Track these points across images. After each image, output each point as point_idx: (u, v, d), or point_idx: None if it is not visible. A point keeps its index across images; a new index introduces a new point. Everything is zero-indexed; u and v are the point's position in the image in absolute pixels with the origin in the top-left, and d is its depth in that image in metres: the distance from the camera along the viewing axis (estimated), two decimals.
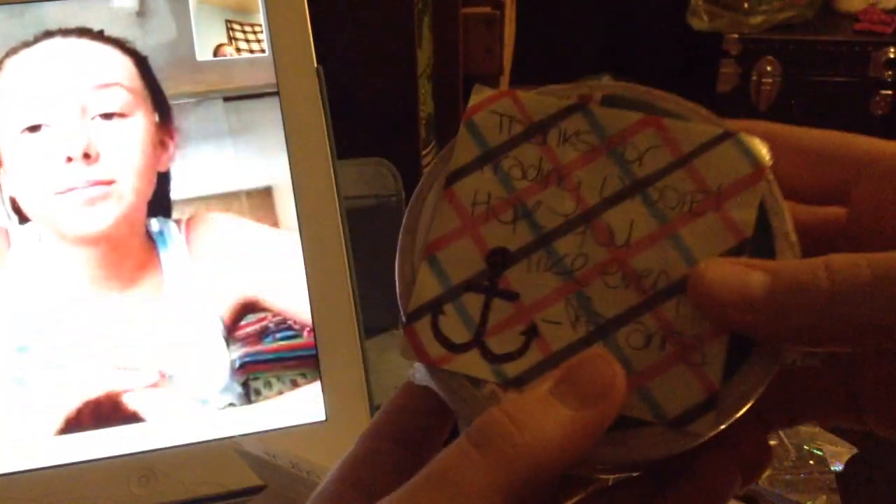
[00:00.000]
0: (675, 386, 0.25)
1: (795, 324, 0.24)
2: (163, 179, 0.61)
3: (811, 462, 0.64)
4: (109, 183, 0.59)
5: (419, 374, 0.28)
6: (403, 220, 0.28)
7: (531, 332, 0.26)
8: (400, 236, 0.28)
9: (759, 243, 0.26)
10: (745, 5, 2.00)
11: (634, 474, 0.27)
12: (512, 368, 0.26)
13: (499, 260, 0.27)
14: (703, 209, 0.27)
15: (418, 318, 0.27)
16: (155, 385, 0.59)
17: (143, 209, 0.60)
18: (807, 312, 0.24)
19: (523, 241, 0.27)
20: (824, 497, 0.61)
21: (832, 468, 0.63)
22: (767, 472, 0.63)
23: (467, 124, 0.29)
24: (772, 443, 0.65)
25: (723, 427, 0.25)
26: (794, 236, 0.27)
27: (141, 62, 0.61)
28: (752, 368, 0.25)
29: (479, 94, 0.29)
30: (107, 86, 0.60)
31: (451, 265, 0.27)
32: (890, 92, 1.97)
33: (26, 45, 0.60)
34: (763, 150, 0.27)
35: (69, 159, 0.58)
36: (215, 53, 0.62)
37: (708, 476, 0.26)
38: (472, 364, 0.26)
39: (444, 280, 0.27)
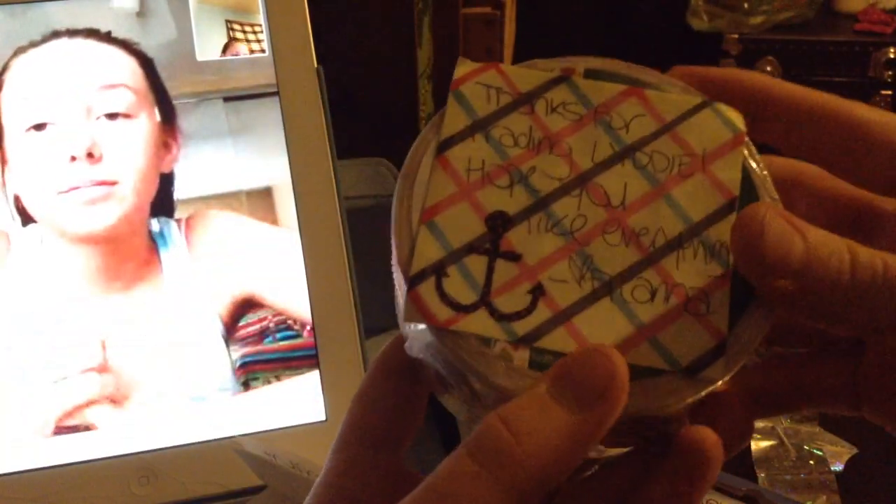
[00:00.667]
0: (685, 335, 0.26)
1: (814, 300, 0.25)
2: (166, 180, 0.61)
3: (811, 462, 0.64)
4: (112, 184, 0.59)
5: (416, 345, 0.27)
6: (396, 189, 0.28)
7: (538, 291, 0.26)
8: (394, 204, 0.28)
9: (745, 203, 0.28)
10: (745, 5, 2.00)
11: (617, 456, 0.28)
12: (521, 326, 0.26)
13: (498, 223, 0.27)
14: (691, 171, 0.28)
15: (421, 281, 0.26)
16: (154, 385, 0.59)
17: (146, 210, 0.60)
18: (826, 293, 0.25)
19: (521, 205, 0.27)
20: (824, 497, 0.61)
21: (832, 468, 0.63)
22: (767, 472, 0.63)
23: (455, 94, 0.29)
24: (772, 443, 0.65)
25: (733, 373, 0.26)
26: (776, 194, 0.28)
27: (146, 63, 0.61)
28: (752, 318, 0.27)
29: (464, 66, 0.29)
30: (112, 86, 0.60)
31: (450, 229, 0.27)
32: (890, 92, 1.97)
33: (33, 45, 0.60)
34: (739, 118, 0.29)
35: (73, 159, 0.58)
36: (224, 51, 0.62)
37: (694, 451, 0.25)
38: (480, 323, 0.26)
39: (445, 243, 0.27)
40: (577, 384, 0.24)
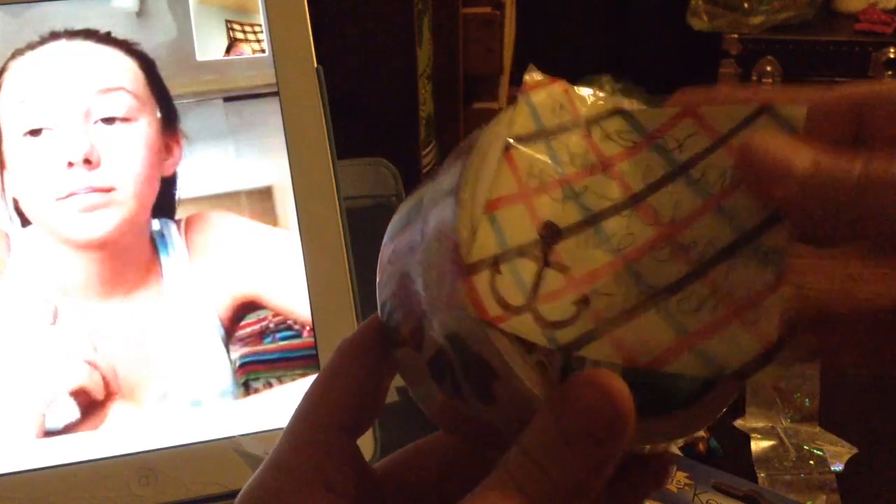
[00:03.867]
0: (732, 343, 0.26)
1: (823, 205, 0.25)
2: (167, 183, 0.61)
3: (811, 462, 0.64)
4: (110, 190, 0.59)
5: (439, 329, 0.27)
6: (461, 169, 0.27)
7: (583, 302, 0.26)
8: (457, 185, 0.27)
9: None
10: (745, 5, 2.00)
11: None
12: (564, 335, 0.26)
13: (550, 233, 0.27)
14: (739, 181, 0.28)
15: (477, 272, 0.26)
16: (155, 385, 0.59)
17: (146, 214, 0.60)
18: (835, 196, 0.25)
19: (572, 220, 0.28)
20: (824, 497, 0.61)
21: (832, 468, 0.63)
22: (767, 472, 0.63)
23: (527, 99, 0.29)
24: (772, 443, 0.65)
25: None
26: None
27: (147, 65, 0.61)
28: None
29: (535, 74, 0.30)
30: (111, 90, 0.60)
31: (507, 227, 0.27)
32: None
33: (31, 46, 0.60)
34: (798, 117, 0.27)
35: (70, 164, 0.58)
36: (228, 53, 0.62)
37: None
38: (526, 327, 0.26)
39: (501, 241, 0.27)
40: (585, 423, 0.24)
